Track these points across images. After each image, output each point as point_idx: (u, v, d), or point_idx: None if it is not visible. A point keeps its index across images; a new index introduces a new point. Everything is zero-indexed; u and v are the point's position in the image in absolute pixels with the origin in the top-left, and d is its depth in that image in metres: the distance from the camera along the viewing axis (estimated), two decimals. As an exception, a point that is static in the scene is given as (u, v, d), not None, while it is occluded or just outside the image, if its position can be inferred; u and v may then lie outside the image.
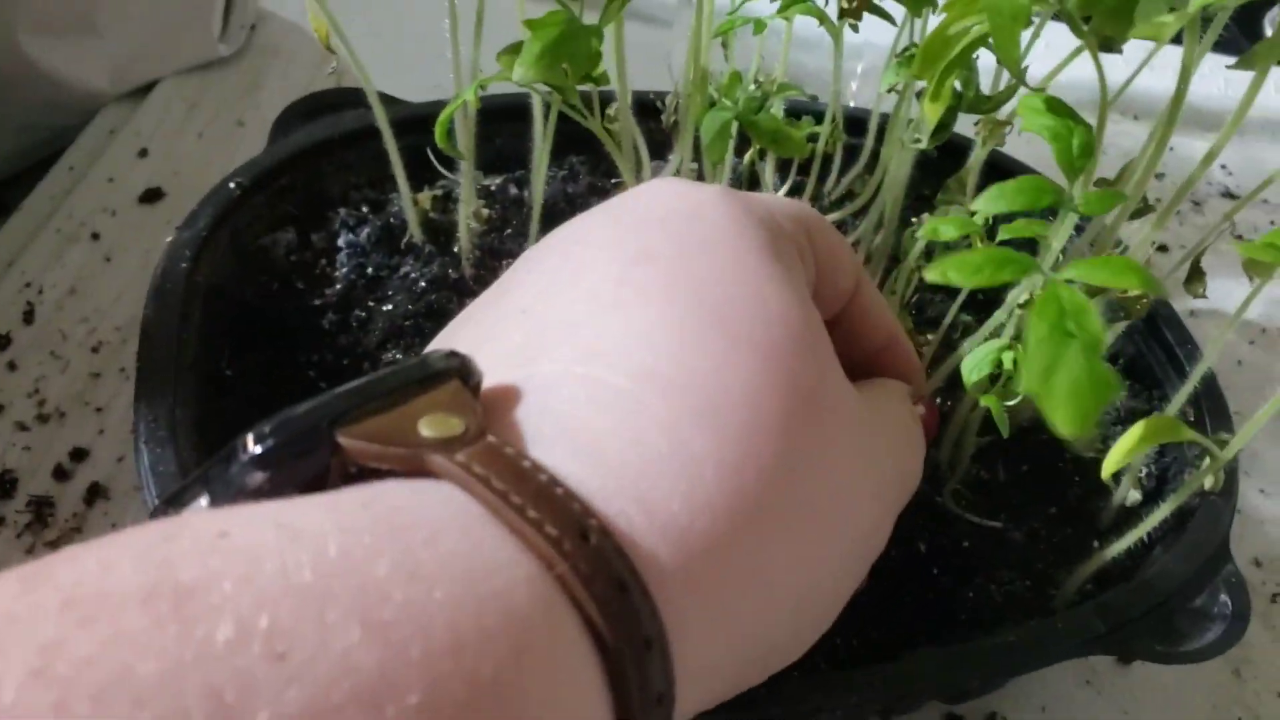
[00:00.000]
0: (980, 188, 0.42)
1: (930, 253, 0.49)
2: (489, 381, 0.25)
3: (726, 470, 0.24)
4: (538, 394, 0.25)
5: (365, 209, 0.49)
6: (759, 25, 0.42)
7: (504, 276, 0.32)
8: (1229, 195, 0.68)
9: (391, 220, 0.49)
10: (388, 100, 0.50)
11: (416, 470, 0.22)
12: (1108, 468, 0.32)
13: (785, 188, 0.49)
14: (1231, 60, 0.35)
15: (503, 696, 0.18)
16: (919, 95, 0.37)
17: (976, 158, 0.42)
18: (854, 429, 0.28)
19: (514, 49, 0.34)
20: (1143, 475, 0.42)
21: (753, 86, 0.46)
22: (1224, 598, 0.38)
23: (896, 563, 0.41)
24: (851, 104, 0.64)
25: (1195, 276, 0.39)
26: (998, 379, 0.37)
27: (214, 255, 0.44)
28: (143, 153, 0.61)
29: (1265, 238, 0.33)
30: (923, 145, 0.36)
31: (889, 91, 0.39)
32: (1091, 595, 0.39)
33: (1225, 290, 0.61)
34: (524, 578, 0.20)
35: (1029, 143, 0.36)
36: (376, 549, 0.18)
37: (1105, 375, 0.24)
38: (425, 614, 0.18)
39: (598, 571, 0.21)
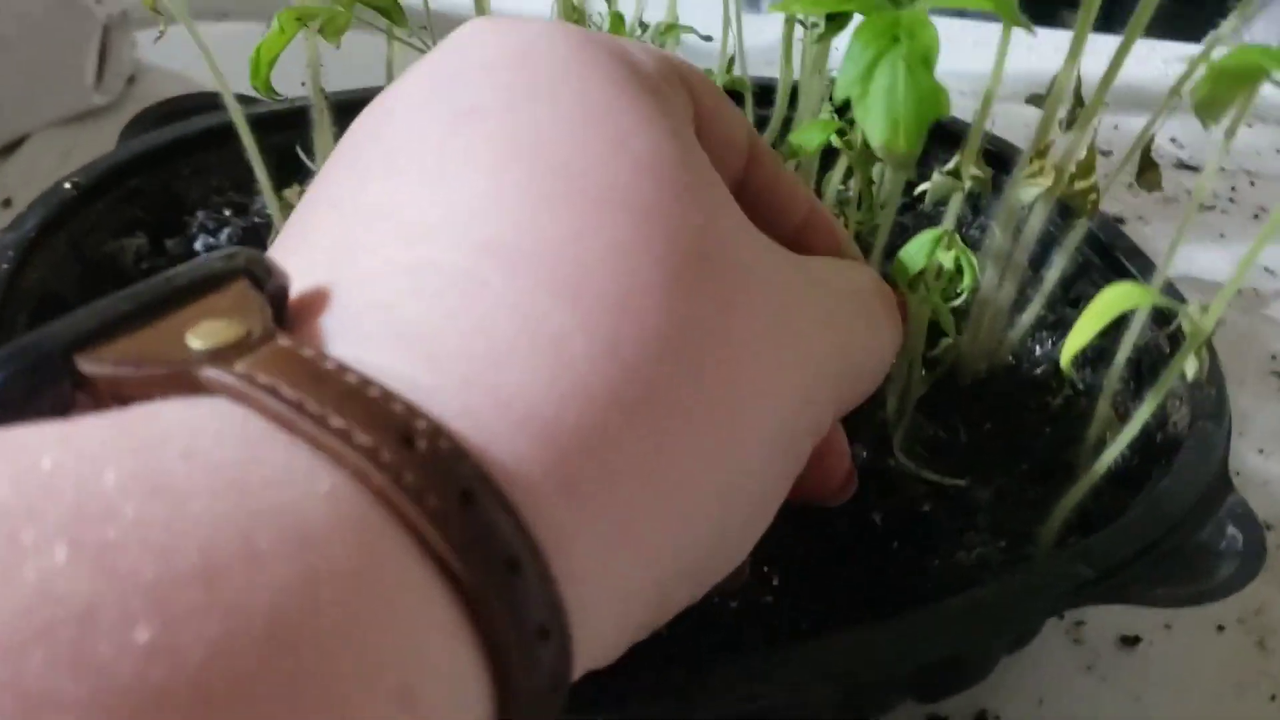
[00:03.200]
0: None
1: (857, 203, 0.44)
2: (299, 288, 0.21)
3: (600, 348, 0.20)
4: (356, 290, 0.20)
5: (227, 212, 0.44)
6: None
7: (317, 176, 0.26)
8: (1183, 166, 0.65)
9: (256, 220, 0.44)
10: (247, 101, 0.45)
11: (187, 390, 0.17)
12: (1067, 351, 0.27)
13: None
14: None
15: (282, 634, 0.14)
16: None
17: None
18: (766, 286, 0.23)
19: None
20: (1119, 408, 0.37)
21: (639, 30, 0.42)
22: (1232, 530, 0.32)
23: (846, 537, 0.35)
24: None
25: (1147, 167, 0.34)
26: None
27: (50, 260, 0.39)
28: (6, 203, 0.56)
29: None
30: (820, 29, 0.31)
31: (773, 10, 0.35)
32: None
33: (1188, 255, 0.57)
34: (324, 493, 0.16)
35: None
36: (107, 458, 0.15)
37: (930, 86, 0.20)
38: (169, 532, 0.14)
39: (430, 481, 0.16)
